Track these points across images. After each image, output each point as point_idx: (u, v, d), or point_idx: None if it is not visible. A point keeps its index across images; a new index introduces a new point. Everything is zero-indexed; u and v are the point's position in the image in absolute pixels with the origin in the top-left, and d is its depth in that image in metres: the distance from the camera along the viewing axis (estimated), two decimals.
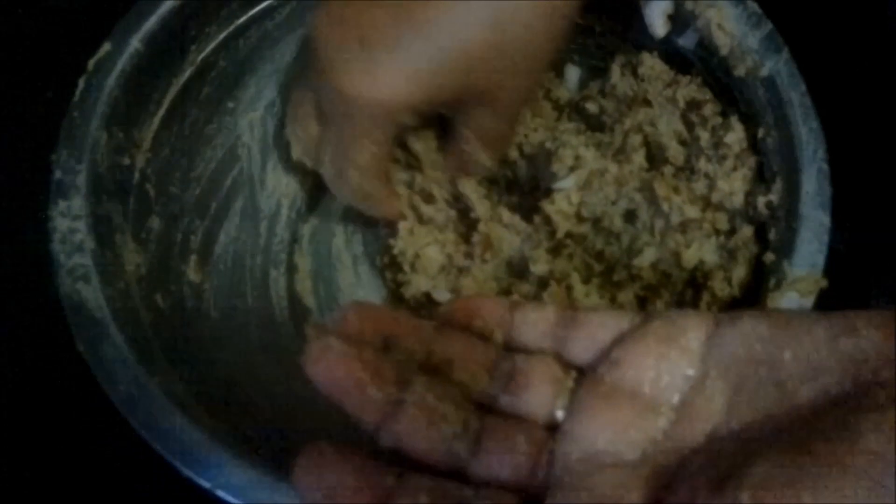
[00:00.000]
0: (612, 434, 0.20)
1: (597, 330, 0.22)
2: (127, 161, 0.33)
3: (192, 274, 0.35)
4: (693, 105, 0.34)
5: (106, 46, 0.32)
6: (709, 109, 0.33)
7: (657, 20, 0.35)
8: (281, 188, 0.39)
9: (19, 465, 0.33)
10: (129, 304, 0.30)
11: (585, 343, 0.22)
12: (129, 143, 0.33)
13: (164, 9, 0.33)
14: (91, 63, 0.32)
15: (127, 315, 0.29)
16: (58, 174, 0.30)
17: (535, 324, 0.23)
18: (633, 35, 0.36)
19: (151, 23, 0.33)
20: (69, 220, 0.29)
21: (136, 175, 0.33)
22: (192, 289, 0.35)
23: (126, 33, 0.32)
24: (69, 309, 0.28)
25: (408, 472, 0.21)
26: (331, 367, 0.20)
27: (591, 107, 0.36)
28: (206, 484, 0.25)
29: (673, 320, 0.21)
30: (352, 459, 0.20)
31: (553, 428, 0.22)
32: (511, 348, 0.23)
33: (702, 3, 0.33)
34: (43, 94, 0.33)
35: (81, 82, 0.31)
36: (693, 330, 0.21)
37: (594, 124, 0.36)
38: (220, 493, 0.25)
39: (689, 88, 0.34)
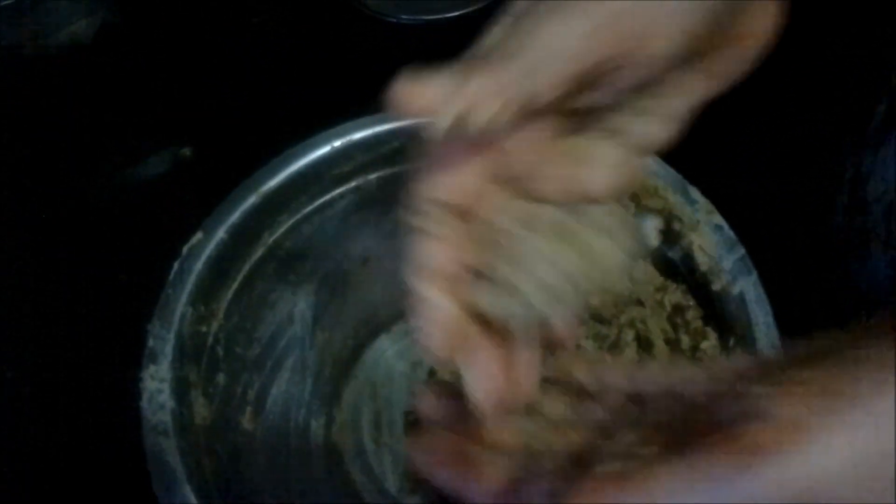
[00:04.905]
0: None
1: None
2: (204, 329, 0.40)
3: (247, 423, 0.41)
4: (678, 310, 0.40)
5: (198, 235, 0.40)
6: (691, 314, 0.39)
7: (650, 232, 0.41)
8: (327, 348, 0.46)
9: None
10: (195, 453, 0.36)
11: None
12: (209, 314, 0.40)
13: (246, 204, 0.41)
14: (185, 249, 0.39)
15: (194, 463, 0.35)
16: (150, 342, 0.37)
17: None
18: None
19: (235, 216, 0.41)
20: (157, 383, 0.36)
21: (210, 339, 0.40)
22: (246, 436, 0.41)
23: (215, 225, 0.40)
24: (151, 458, 0.34)
25: None
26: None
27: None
28: None
29: None
30: None
31: None
32: None
33: (686, 226, 0.40)
34: (141, 272, 0.41)
35: (176, 265, 0.39)
36: None
37: (597, 316, 0.43)
38: None
39: (675, 294, 0.40)
